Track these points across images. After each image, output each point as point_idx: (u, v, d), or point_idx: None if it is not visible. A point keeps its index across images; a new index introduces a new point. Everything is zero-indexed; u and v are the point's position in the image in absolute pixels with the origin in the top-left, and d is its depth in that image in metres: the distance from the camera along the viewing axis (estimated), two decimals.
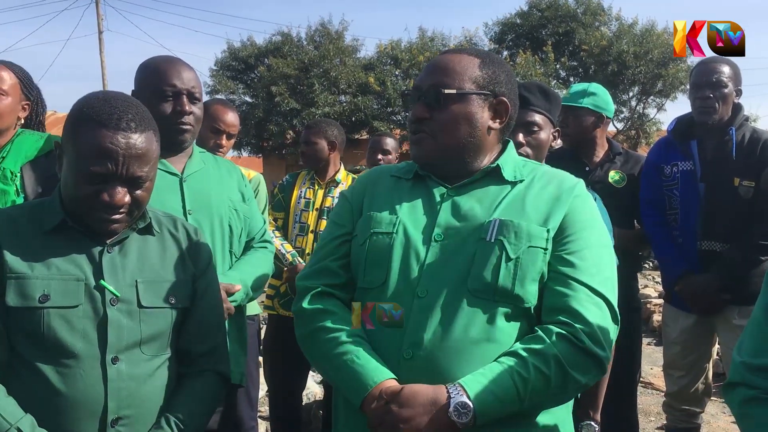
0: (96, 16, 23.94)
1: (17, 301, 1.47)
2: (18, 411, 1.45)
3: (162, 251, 1.66)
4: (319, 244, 1.71)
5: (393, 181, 1.69)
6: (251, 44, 22.80)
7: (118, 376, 1.51)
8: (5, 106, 2.32)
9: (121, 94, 1.60)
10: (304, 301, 1.60)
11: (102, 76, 23.63)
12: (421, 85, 1.63)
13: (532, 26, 20.99)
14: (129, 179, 1.51)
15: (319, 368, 1.61)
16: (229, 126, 3.34)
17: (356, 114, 20.84)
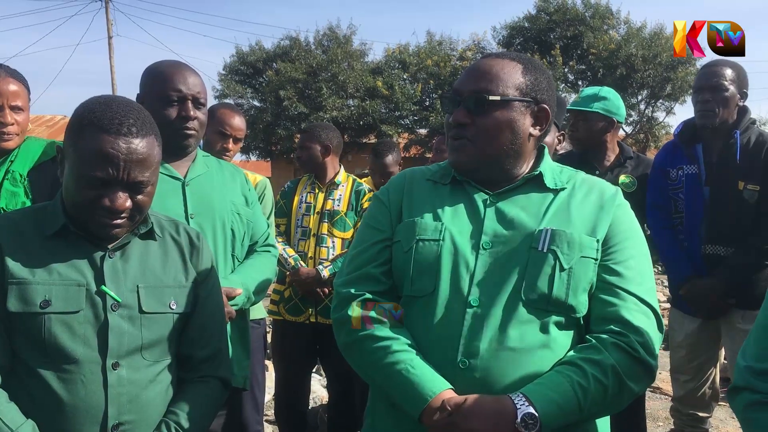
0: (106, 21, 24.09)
1: (18, 306, 1.47)
2: (19, 417, 1.45)
3: (164, 256, 1.66)
4: (355, 249, 1.66)
5: (430, 186, 1.68)
6: (260, 49, 22.89)
7: (118, 381, 1.51)
8: (24, 121, 2.38)
9: (123, 98, 1.60)
10: (348, 308, 1.57)
11: (111, 81, 23.78)
12: (462, 90, 1.62)
13: (540, 30, 20.96)
14: (130, 184, 1.51)
15: (367, 377, 1.58)
16: (235, 130, 3.35)
17: (364, 118, 20.87)
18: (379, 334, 1.52)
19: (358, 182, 3.82)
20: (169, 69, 2.25)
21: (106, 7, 24.32)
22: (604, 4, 20.66)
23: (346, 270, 1.65)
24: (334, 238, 3.65)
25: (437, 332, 1.50)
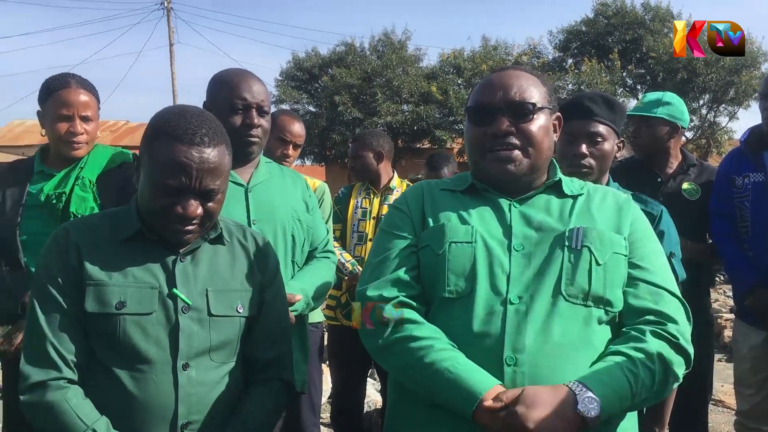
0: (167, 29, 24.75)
1: (95, 307, 1.54)
2: (94, 413, 1.51)
3: (232, 261, 1.71)
4: (379, 256, 1.68)
5: (448, 194, 1.72)
6: (315, 55, 23.14)
7: (188, 381, 1.57)
8: (93, 130, 2.49)
9: (196, 108, 1.66)
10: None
11: (172, 87, 24.40)
12: (495, 101, 1.65)
13: (598, 33, 20.60)
14: (202, 192, 1.56)
15: (407, 379, 1.57)
16: (295, 136, 3.41)
17: (418, 123, 20.87)
18: (418, 334, 1.53)
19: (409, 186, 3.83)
20: (235, 77, 2.31)
21: (167, 16, 25.01)
22: (665, 6, 20.18)
23: (372, 276, 1.65)
24: None
25: (479, 330, 1.52)
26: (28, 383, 1.51)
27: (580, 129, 2.38)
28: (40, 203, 2.40)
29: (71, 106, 2.41)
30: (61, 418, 1.49)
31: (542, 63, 21.11)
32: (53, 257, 1.57)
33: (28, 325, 1.57)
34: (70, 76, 2.47)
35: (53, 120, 2.41)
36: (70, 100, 2.41)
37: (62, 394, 1.50)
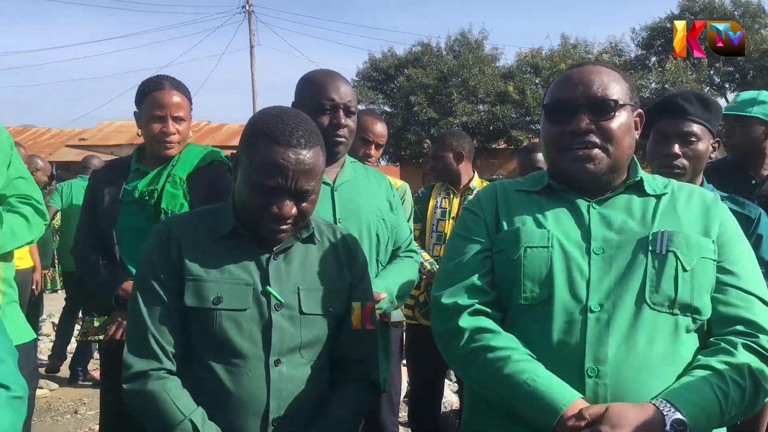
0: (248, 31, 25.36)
1: (194, 301, 1.59)
2: (191, 403, 1.56)
3: (322, 260, 1.73)
4: (453, 261, 1.63)
5: (523, 196, 1.67)
6: (392, 55, 23.27)
7: (279, 377, 1.60)
8: (185, 130, 2.57)
9: (293, 110, 1.69)
10: (459, 319, 1.53)
11: (252, 88, 24.99)
12: (575, 98, 1.58)
13: None
14: (297, 192, 1.59)
15: (485, 389, 1.53)
16: (377, 136, 3.44)
17: (494, 123, 20.71)
18: (496, 344, 1.49)
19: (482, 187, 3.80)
20: (323, 78, 2.34)
21: (248, 19, 25.63)
22: (756, 2, 19.34)
23: (447, 282, 1.61)
24: None
25: (558, 339, 1.47)
26: (131, 372, 1.57)
27: (672, 128, 2.30)
28: (135, 200, 2.50)
29: (164, 107, 2.49)
30: (160, 407, 1.54)
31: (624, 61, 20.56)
32: (156, 252, 1.63)
33: (131, 317, 1.63)
34: (164, 78, 2.56)
35: (148, 120, 2.51)
36: (164, 101, 2.49)
37: (162, 384, 1.56)
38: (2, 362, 1.43)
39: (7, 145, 2.50)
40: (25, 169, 2.60)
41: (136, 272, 1.69)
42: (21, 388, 1.43)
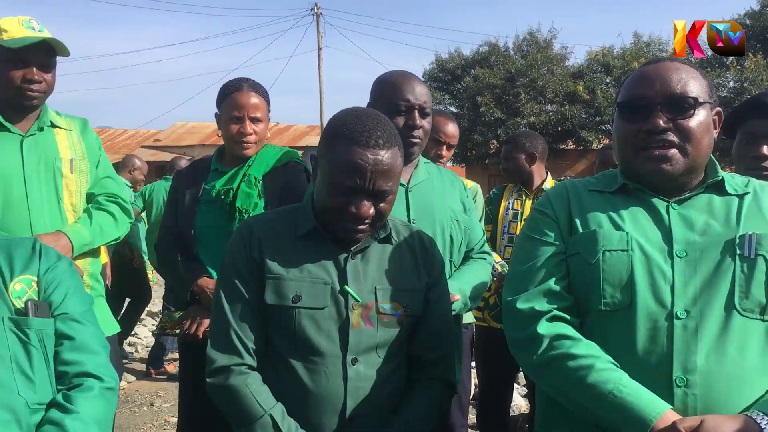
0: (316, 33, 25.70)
1: (274, 299, 1.62)
2: (271, 399, 1.60)
3: (399, 260, 1.74)
4: (525, 264, 1.59)
5: (597, 196, 1.61)
6: (458, 55, 23.17)
7: (356, 376, 1.61)
8: (262, 131, 2.62)
9: (372, 111, 1.71)
10: (537, 325, 1.49)
11: (319, 90, 25.32)
12: (651, 95, 1.53)
13: (764, 27, 19.10)
14: (375, 193, 1.60)
15: (567, 399, 1.48)
16: (449, 137, 3.43)
17: (563, 123, 20.36)
18: (577, 351, 1.44)
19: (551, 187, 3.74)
20: (399, 79, 2.35)
21: (317, 21, 25.97)
22: None
23: (519, 286, 1.57)
24: None
25: (643, 347, 1.43)
26: (213, 367, 1.61)
27: (761, 129, 2.21)
28: (212, 198, 2.57)
29: (242, 108, 2.55)
30: (241, 402, 1.58)
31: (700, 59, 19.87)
32: (238, 250, 1.67)
33: (214, 313, 1.68)
34: (244, 80, 2.62)
35: (226, 121, 2.57)
36: (242, 103, 2.55)
37: (243, 379, 1.59)
38: (96, 354, 1.49)
39: (96, 146, 2.62)
40: (112, 169, 2.71)
41: (219, 270, 1.74)
42: (113, 379, 1.50)
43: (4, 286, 1.45)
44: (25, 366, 1.39)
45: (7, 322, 1.40)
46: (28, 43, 2.35)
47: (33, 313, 1.43)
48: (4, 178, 2.36)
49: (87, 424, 1.39)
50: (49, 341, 1.44)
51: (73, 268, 1.58)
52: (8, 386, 1.35)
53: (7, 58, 2.38)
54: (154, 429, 4.64)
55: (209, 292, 2.43)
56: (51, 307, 1.48)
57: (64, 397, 1.41)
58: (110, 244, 2.67)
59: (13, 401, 1.34)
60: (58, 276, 1.52)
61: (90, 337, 1.51)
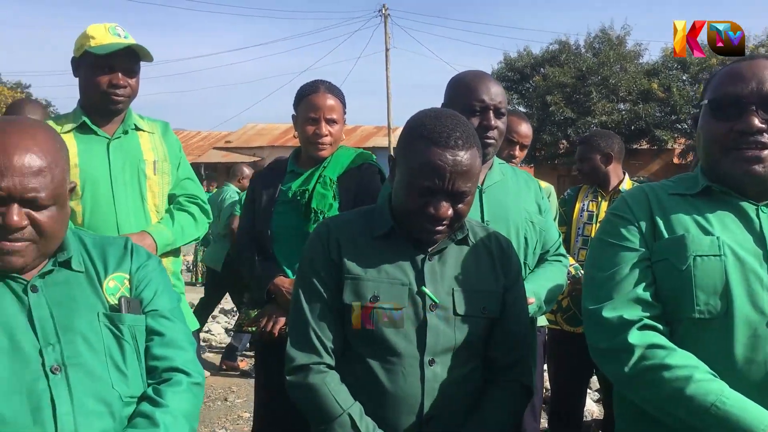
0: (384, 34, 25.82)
1: (352, 299, 1.64)
2: (349, 398, 1.61)
3: (476, 262, 1.73)
4: (607, 271, 1.54)
5: (678, 200, 1.56)
6: (527, 54, 22.87)
7: (434, 377, 1.61)
8: (337, 132, 2.65)
9: (451, 112, 1.70)
10: (627, 334, 1.44)
11: (387, 91, 25.43)
12: (744, 94, 1.47)
13: None
14: (453, 194, 1.59)
15: (662, 411, 1.43)
16: (522, 137, 3.39)
17: (636, 122, 19.86)
18: (672, 362, 1.39)
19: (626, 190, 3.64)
20: (474, 80, 2.33)
21: (384, 22, 26.09)
22: None
23: (602, 294, 1.51)
24: None
25: (743, 357, 1.37)
26: (293, 365, 1.64)
27: None
28: (288, 199, 2.62)
29: (318, 110, 2.58)
30: (320, 400, 1.60)
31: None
32: (316, 251, 1.70)
33: (293, 312, 1.71)
34: (320, 83, 2.66)
35: (303, 122, 2.61)
36: (318, 104, 2.59)
37: (322, 378, 1.62)
38: (184, 350, 1.54)
39: (176, 148, 2.71)
40: (191, 170, 2.79)
41: (298, 270, 1.77)
42: (200, 374, 1.54)
43: (99, 283, 1.51)
44: (118, 360, 1.44)
45: (102, 317, 1.46)
46: (113, 50, 2.45)
47: (125, 310, 1.49)
48: (93, 180, 2.47)
49: (176, 417, 1.43)
50: (140, 337, 1.50)
51: (161, 266, 1.64)
52: (103, 379, 1.41)
53: (94, 63, 2.48)
54: (228, 423, 4.75)
55: (285, 291, 2.48)
56: (142, 303, 1.53)
57: (155, 391, 1.46)
58: (189, 243, 2.75)
59: (107, 394, 1.40)
60: (149, 274, 1.58)
61: (178, 334, 1.55)
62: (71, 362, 1.38)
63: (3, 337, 1.35)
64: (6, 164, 1.32)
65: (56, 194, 1.39)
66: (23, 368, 1.34)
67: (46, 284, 1.44)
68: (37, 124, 1.46)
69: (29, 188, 1.34)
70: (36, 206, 1.37)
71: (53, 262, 1.47)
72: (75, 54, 2.54)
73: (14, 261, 1.38)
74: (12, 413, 1.30)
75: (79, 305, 1.45)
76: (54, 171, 1.39)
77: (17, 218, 1.34)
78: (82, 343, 1.41)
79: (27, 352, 1.36)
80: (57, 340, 1.38)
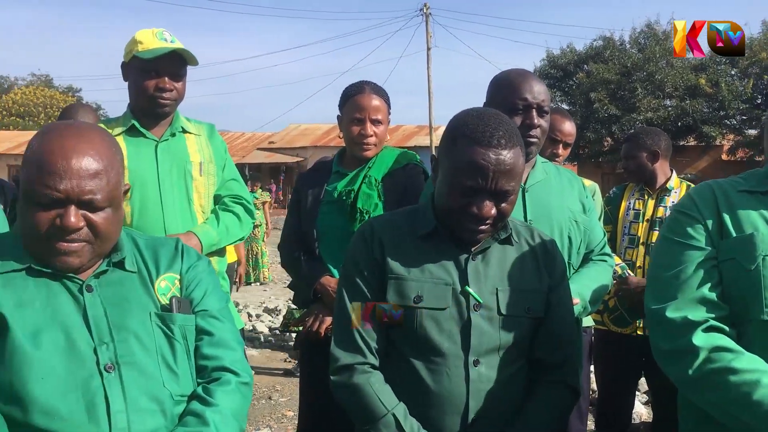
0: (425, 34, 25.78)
1: (396, 299, 1.64)
2: (394, 398, 1.61)
3: (520, 261, 1.72)
4: (671, 270, 1.51)
5: (746, 197, 1.52)
6: (570, 51, 22.58)
7: (478, 377, 1.60)
8: (382, 133, 2.66)
9: (494, 111, 1.70)
10: (692, 336, 1.42)
11: (428, 90, 25.39)
12: None
13: None
14: (497, 193, 1.59)
15: (723, 415, 1.41)
16: (566, 135, 3.35)
17: (683, 119, 19.44)
18: (739, 365, 1.36)
19: (693, 187, 3.56)
20: (516, 78, 2.31)
21: (426, 22, 26.04)
22: None
23: (665, 293, 1.49)
24: None
25: None
26: (337, 365, 1.65)
27: None
28: (334, 200, 2.64)
29: (364, 110, 2.60)
30: (364, 400, 1.61)
31: None
32: (360, 251, 1.70)
33: (337, 312, 1.72)
34: (366, 83, 2.67)
35: (348, 123, 2.63)
36: (363, 105, 2.60)
37: (366, 378, 1.62)
38: (233, 350, 1.56)
39: (222, 150, 2.75)
40: (236, 171, 2.84)
41: (342, 270, 1.78)
42: (248, 374, 1.56)
43: (151, 283, 1.54)
44: (169, 359, 1.47)
45: (154, 317, 1.49)
46: (159, 54, 2.50)
47: (176, 309, 1.52)
48: (141, 181, 2.53)
49: (225, 416, 1.46)
50: (190, 336, 1.52)
51: (211, 267, 1.67)
52: (155, 378, 1.44)
53: (142, 68, 2.53)
54: (273, 422, 4.80)
55: (331, 290, 2.49)
56: (192, 303, 1.56)
57: (204, 390, 1.49)
58: (234, 243, 2.79)
59: (159, 392, 1.43)
60: (199, 274, 1.60)
61: (227, 334, 1.58)
62: (124, 361, 1.41)
63: (59, 335, 1.39)
64: (65, 167, 1.37)
65: (112, 196, 1.43)
66: (79, 366, 1.38)
67: (100, 284, 1.47)
68: (93, 128, 1.50)
69: (86, 190, 1.38)
70: (92, 208, 1.41)
71: (107, 262, 1.50)
72: (124, 59, 2.60)
73: (71, 261, 1.42)
74: (68, 410, 1.34)
75: (131, 305, 1.48)
76: (110, 174, 1.42)
77: (74, 219, 1.38)
78: (134, 342, 1.44)
79: (82, 350, 1.39)
80: (111, 339, 1.42)
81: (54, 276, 1.44)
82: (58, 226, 1.38)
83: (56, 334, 1.39)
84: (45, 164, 1.37)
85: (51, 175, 1.36)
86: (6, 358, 1.35)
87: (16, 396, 1.34)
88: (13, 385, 1.34)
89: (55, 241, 1.40)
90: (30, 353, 1.35)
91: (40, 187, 1.37)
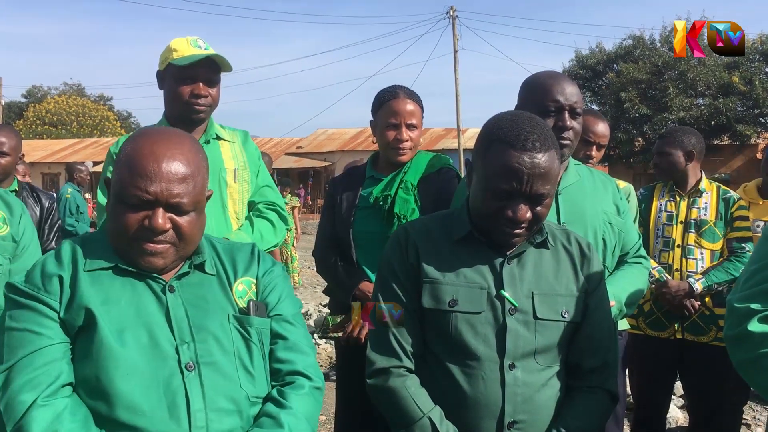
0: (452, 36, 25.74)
1: (431, 303, 1.64)
2: (429, 402, 1.62)
3: (556, 265, 1.71)
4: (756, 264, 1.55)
5: None
6: (600, 51, 22.36)
7: (514, 381, 1.60)
8: (417, 137, 2.68)
9: (528, 114, 1.69)
10: (748, 323, 1.46)
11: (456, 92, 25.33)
12: None
13: None
14: (532, 196, 1.58)
15: None
16: (599, 137, 3.31)
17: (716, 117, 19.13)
18: None
19: (723, 189, 3.50)
20: (548, 80, 2.30)
21: (452, 24, 26.00)
22: None
23: (746, 285, 1.52)
24: (702, 250, 3.40)
25: None
26: (374, 369, 1.66)
27: None
28: (370, 205, 2.65)
29: (399, 115, 2.61)
30: (400, 403, 1.61)
31: None
32: (395, 255, 1.71)
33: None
34: (399, 88, 2.68)
35: (383, 128, 2.64)
36: (398, 110, 2.61)
37: (402, 381, 1.63)
38: (306, 354, 1.58)
39: (255, 156, 2.78)
40: (270, 177, 2.86)
41: (377, 274, 1.79)
42: (320, 379, 1.58)
43: (229, 286, 1.58)
44: (246, 361, 1.50)
45: (232, 319, 1.53)
46: (194, 60, 2.52)
47: (253, 312, 1.55)
48: None
49: (299, 420, 1.48)
50: (266, 339, 1.55)
51: (285, 273, 1.69)
52: (232, 379, 1.47)
53: (177, 75, 2.56)
54: None
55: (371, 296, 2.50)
56: (267, 307, 1.59)
57: (279, 393, 1.52)
58: (269, 250, 2.82)
59: (236, 393, 1.46)
60: (274, 279, 1.63)
61: (301, 338, 1.60)
62: (204, 361, 1.45)
63: (143, 333, 1.43)
64: (155, 171, 1.42)
65: (197, 201, 1.49)
66: (161, 364, 1.42)
67: (182, 285, 1.52)
68: (183, 135, 1.55)
69: (174, 194, 1.43)
70: (179, 211, 1.45)
71: (189, 264, 1.54)
72: (159, 67, 2.64)
73: (156, 262, 1.47)
74: (150, 406, 1.38)
75: (211, 307, 1.52)
76: (197, 179, 1.48)
77: (162, 221, 1.43)
78: (213, 343, 1.48)
79: (164, 348, 1.43)
80: (191, 338, 1.46)
81: (139, 275, 1.49)
82: (146, 227, 1.43)
83: (140, 332, 1.43)
84: (137, 167, 1.42)
85: (142, 178, 1.41)
86: (93, 353, 1.39)
87: (102, 391, 1.38)
88: (100, 379, 1.38)
89: (142, 241, 1.45)
90: (116, 350, 1.39)
91: (130, 188, 1.42)
